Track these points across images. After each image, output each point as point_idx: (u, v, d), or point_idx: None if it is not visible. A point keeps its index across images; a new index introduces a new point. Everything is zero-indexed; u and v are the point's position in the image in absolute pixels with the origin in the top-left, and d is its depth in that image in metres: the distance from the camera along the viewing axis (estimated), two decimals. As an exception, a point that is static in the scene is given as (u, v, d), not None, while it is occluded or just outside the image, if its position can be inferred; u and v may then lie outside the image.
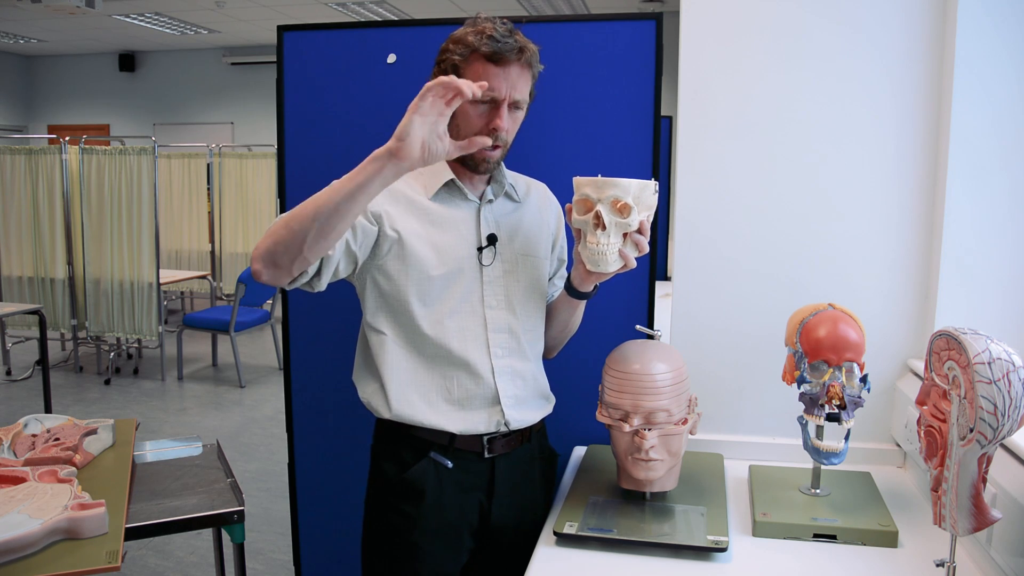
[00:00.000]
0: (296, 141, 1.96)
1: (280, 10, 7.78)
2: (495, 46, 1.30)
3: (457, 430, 1.39)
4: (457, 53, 1.33)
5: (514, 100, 1.34)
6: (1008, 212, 1.57)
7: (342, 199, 1.15)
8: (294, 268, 1.21)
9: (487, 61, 1.31)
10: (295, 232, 1.17)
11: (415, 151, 1.12)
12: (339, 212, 1.16)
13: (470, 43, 1.31)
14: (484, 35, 1.30)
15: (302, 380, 2.05)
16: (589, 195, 1.30)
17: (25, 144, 6.20)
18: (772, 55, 1.67)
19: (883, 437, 1.71)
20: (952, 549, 1.11)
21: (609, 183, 1.28)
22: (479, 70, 1.31)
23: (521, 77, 1.34)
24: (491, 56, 1.30)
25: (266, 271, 1.21)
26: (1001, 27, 1.53)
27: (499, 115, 1.33)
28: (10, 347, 5.84)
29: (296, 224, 1.17)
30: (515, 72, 1.32)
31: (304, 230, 1.16)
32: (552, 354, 1.61)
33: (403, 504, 1.41)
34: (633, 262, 1.33)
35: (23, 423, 1.66)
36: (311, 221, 1.15)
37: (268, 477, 3.82)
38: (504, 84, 1.32)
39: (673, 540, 1.29)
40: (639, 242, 1.32)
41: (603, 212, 1.29)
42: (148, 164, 5.25)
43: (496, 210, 1.45)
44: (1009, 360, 0.98)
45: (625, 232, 1.31)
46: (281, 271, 1.21)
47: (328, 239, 1.19)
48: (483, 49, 1.30)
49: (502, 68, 1.31)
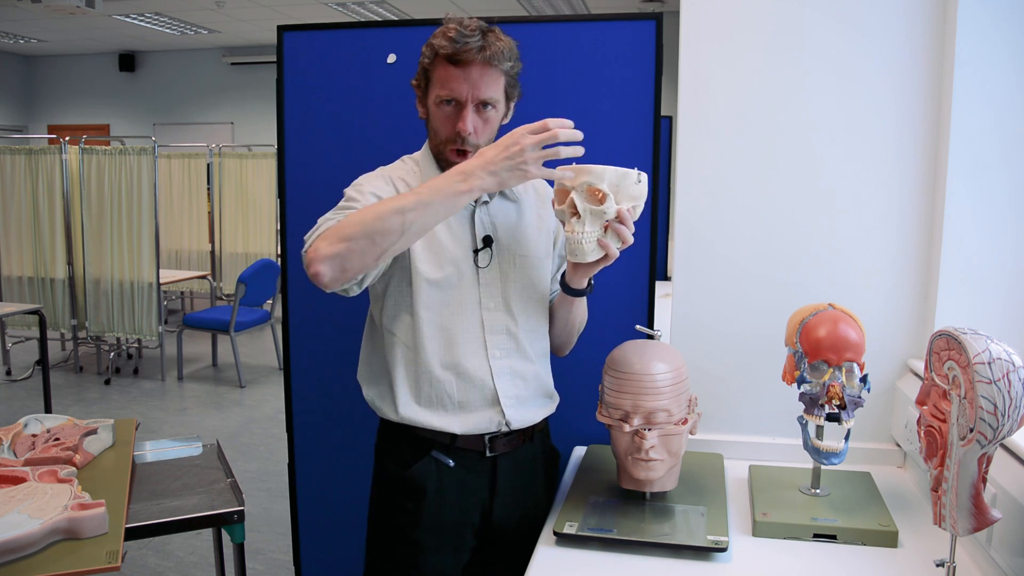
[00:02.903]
0: (296, 141, 1.96)
1: (280, 10, 7.78)
2: (453, 47, 1.30)
3: (459, 430, 1.39)
4: (426, 56, 1.35)
5: (481, 100, 1.33)
6: (1008, 211, 1.57)
7: (441, 210, 1.21)
8: (359, 273, 1.23)
9: (447, 63, 1.31)
10: (376, 239, 1.19)
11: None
12: (433, 220, 1.22)
13: (432, 45, 1.33)
14: (445, 37, 1.31)
15: (302, 380, 2.05)
16: (565, 183, 1.29)
17: (25, 144, 6.19)
18: (772, 54, 1.67)
19: (883, 437, 1.71)
20: (952, 549, 1.11)
21: (583, 170, 1.27)
22: (442, 73, 1.32)
23: (485, 76, 1.32)
24: (450, 58, 1.31)
25: (331, 273, 1.20)
26: (1001, 25, 1.53)
27: (462, 117, 1.33)
28: (10, 347, 5.84)
29: (379, 233, 1.19)
30: (476, 72, 1.31)
31: (389, 238, 1.20)
32: (564, 352, 1.60)
33: (405, 502, 1.41)
34: (614, 252, 1.30)
35: (23, 423, 1.65)
36: (398, 231, 1.19)
37: (268, 477, 3.82)
38: (464, 85, 1.31)
39: (673, 540, 1.29)
40: (620, 232, 1.29)
41: (577, 200, 1.28)
42: (148, 164, 5.25)
43: (492, 210, 1.45)
44: (1009, 360, 0.98)
45: (606, 222, 1.29)
46: (347, 274, 1.22)
47: (406, 246, 1.24)
48: (442, 52, 1.31)
49: (462, 69, 1.31)
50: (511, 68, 1.36)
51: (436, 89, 1.34)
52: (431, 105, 1.37)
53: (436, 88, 1.35)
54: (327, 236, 1.21)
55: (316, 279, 1.21)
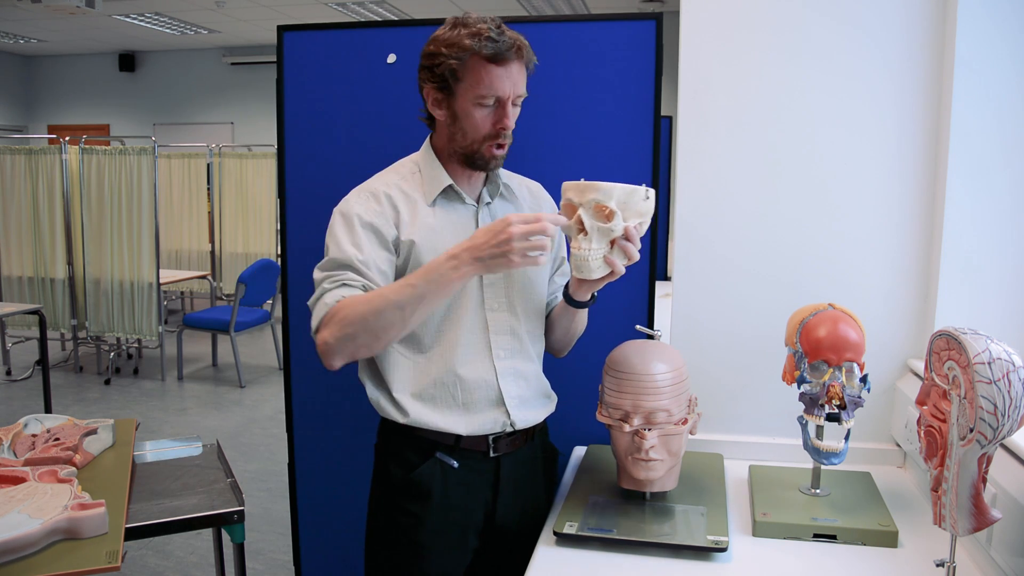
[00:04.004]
0: (296, 141, 1.96)
1: (280, 10, 7.78)
2: (495, 47, 1.29)
3: (464, 431, 1.39)
4: (453, 57, 1.31)
5: (516, 96, 1.35)
6: (1008, 211, 1.57)
7: (436, 299, 1.26)
8: (369, 356, 1.36)
9: (488, 62, 1.30)
10: (379, 335, 1.26)
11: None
12: (430, 308, 1.28)
13: (467, 46, 1.30)
14: (482, 37, 1.30)
15: (302, 380, 2.05)
16: (572, 199, 1.28)
17: (25, 144, 6.19)
18: (772, 54, 1.67)
19: (883, 437, 1.71)
20: (952, 549, 1.11)
21: (591, 187, 1.26)
22: (480, 72, 1.31)
23: (521, 74, 1.34)
24: (493, 57, 1.30)
25: (342, 363, 1.29)
26: (1001, 25, 1.53)
27: (506, 114, 1.34)
28: (10, 347, 5.84)
29: (381, 329, 1.25)
30: (515, 70, 1.33)
31: (391, 332, 1.26)
32: (562, 354, 1.61)
33: (409, 504, 1.41)
34: (621, 269, 1.30)
35: (23, 423, 1.66)
36: (400, 324, 1.25)
37: (268, 477, 3.82)
38: (507, 83, 1.32)
39: (673, 540, 1.29)
40: (627, 249, 1.28)
41: (584, 217, 1.26)
42: (148, 164, 5.25)
43: (494, 211, 1.45)
44: (1009, 360, 0.98)
45: (613, 239, 1.28)
46: (357, 358, 1.33)
47: (409, 331, 1.30)
48: (484, 52, 1.30)
49: (504, 68, 1.31)
50: (531, 59, 1.38)
51: (475, 89, 1.32)
52: (466, 105, 1.34)
53: (474, 88, 1.32)
54: (331, 327, 1.26)
55: (323, 362, 1.29)
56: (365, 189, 1.41)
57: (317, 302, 1.31)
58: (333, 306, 1.26)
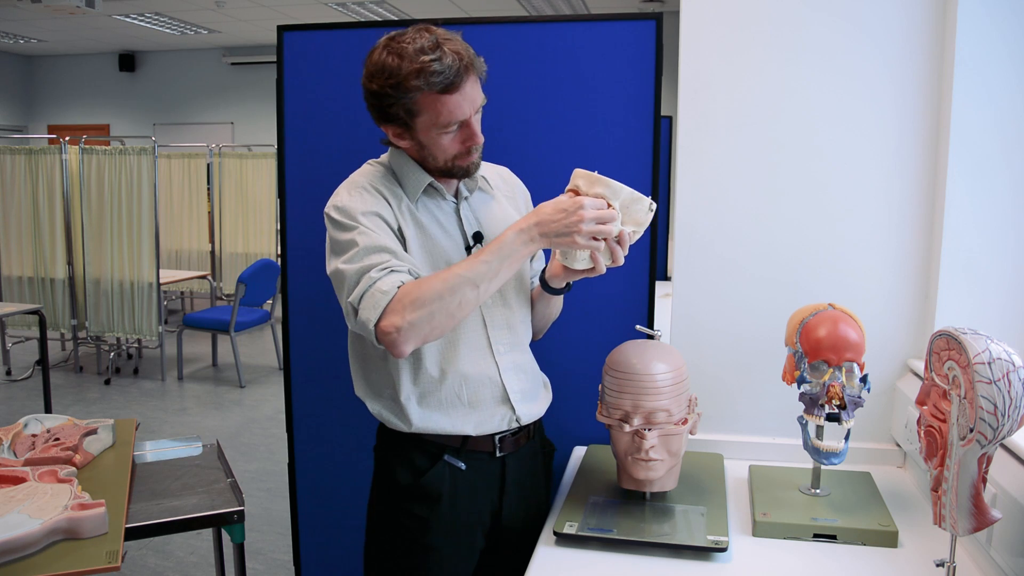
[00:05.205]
0: (296, 141, 1.96)
1: (280, 10, 7.78)
2: (443, 79, 1.24)
3: (473, 432, 1.39)
4: (403, 97, 1.27)
5: (477, 110, 1.32)
6: (1008, 211, 1.57)
7: (508, 273, 1.26)
8: (435, 340, 1.30)
9: (440, 94, 1.26)
10: (455, 313, 1.23)
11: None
12: (501, 283, 1.27)
13: (414, 86, 1.25)
14: (426, 73, 1.24)
15: (302, 380, 2.05)
16: (579, 186, 1.28)
17: (25, 144, 6.19)
18: (772, 54, 1.67)
19: (883, 437, 1.71)
20: (952, 549, 1.11)
21: (601, 181, 1.26)
22: (436, 106, 1.27)
23: (475, 87, 1.30)
24: (445, 89, 1.26)
25: (412, 347, 1.24)
26: (1001, 25, 1.53)
27: (472, 132, 1.32)
28: (10, 347, 5.84)
29: (457, 307, 1.23)
30: (469, 87, 1.29)
31: (465, 309, 1.24)
32: (538, 337, 1.58)
33: (416, 507, 1.40)
34: (602, 268, 1.29)
35: (23, 423, 1.66)
36: (474, 301, 1.25)
37: (268, 477, 3.82)
38: (465, 105, 1.29)
39: (673, 540, 1.29)
40: (615, 252, 1.28)
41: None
42: (148, 164, 5.24)
43: (473, 205, 1.44)
44: (1009, 360, 0.98)
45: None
46: (425, 343, 1.27)
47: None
48: (435, 88, 1.25)
49: (458, 93, 1.27)
50: (480, 64, 1.32)
51: (435, 121, 1.29)
52: (429, 135, 1.32)
53: (434, 121, 1.29)
54: (401, 311, 1.20)
55: (393, 350, 1.23)
56: (353, 185, 1.37)
57: (368, 292, 1.23)
58: (395, 292, 1.22)
